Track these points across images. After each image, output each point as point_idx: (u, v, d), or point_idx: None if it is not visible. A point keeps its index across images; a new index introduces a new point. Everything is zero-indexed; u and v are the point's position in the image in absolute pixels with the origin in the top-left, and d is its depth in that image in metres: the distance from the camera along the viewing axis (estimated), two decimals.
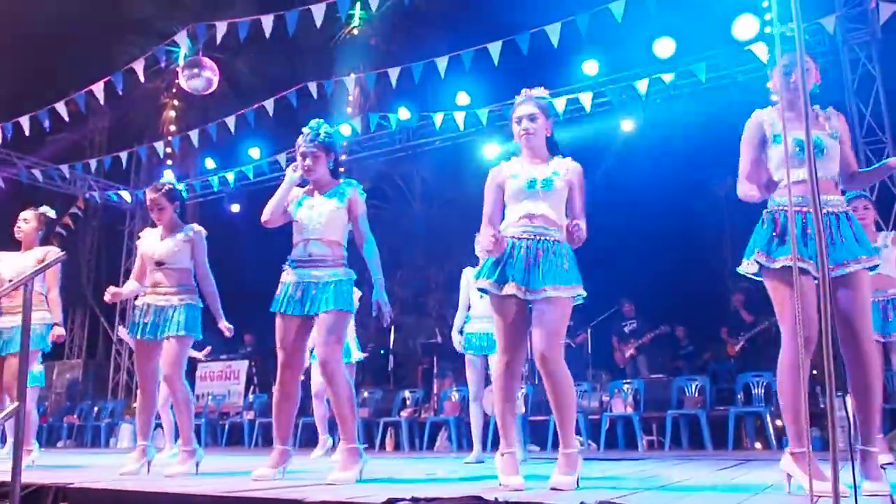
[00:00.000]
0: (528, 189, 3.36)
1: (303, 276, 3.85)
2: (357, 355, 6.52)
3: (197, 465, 4.49)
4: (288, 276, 3.90)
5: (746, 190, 3.05)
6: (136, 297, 4.76)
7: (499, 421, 3.33)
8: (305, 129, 3.99)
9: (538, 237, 3.30)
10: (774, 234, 2.91)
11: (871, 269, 2.90)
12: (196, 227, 4.74)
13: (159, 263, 4.59)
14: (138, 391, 4.68)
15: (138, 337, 4.56)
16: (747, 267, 3.01)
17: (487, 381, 5.68)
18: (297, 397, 3.96)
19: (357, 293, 6.39)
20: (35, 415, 5.78)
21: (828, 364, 1.85)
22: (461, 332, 6.05)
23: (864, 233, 2.95)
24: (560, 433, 3.24)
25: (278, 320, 3.88)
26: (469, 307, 6.01)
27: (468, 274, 5.94)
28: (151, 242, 4.68)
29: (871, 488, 2.72)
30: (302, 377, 4.08)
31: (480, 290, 3.40)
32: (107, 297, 4.66)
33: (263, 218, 3.98)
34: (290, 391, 3.90)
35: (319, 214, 3.89)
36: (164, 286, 4.58)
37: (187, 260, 4.63)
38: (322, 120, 4.07)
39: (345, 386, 3.75)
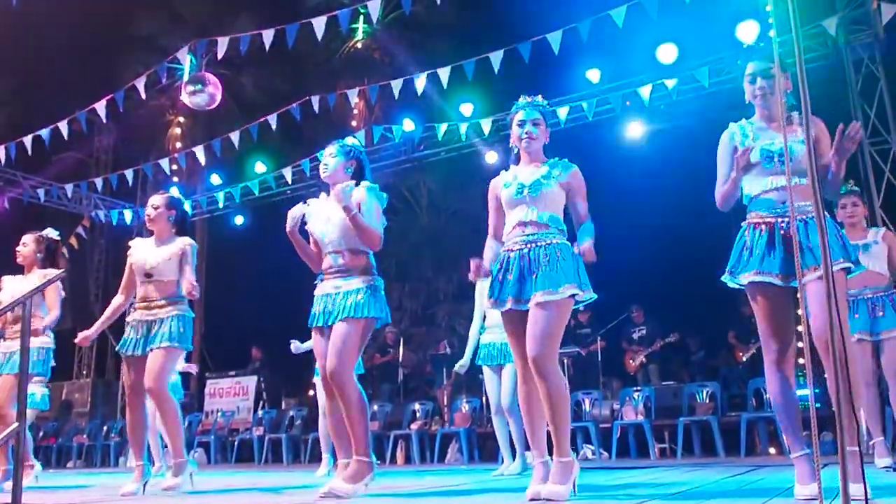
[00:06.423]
0: (517, 196, 3.36)
1: (327, 289, 3.75)
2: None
3: (191, 475, 4.42)
4: (317, 289, 3.81)
5: (719, 200, 3.10)
6: (125, 315, 4.61)
7: (527, 430, 3.37)
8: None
9: (531, 245, 3.28)
10: (745, 248, 2.96)
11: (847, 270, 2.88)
12: (188, 239, 4.56)
13: (148, 275, 4.46)
14: (128, 410, 4.46)
15: (128, 353, 4.42)
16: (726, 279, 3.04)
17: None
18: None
19: None
20: (29, 435, 5.73)
21: (839, 366, 1.80)
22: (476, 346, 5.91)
23: (835, 236, 2.89)
24: (554, 440, 3.16)
25: (313, 335, 3.81)
26: (484, 317, 5.85)
27: (482, 284, 5.82)
28: (143, 252, 4.53)
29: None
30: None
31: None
32: (77, 341, 4.63)
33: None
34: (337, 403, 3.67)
35: (332, 225, 3.77)
36: (152, 298, 4.45)
37: (176, 272, 4.47)
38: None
39: (357, 399, 3.57)
